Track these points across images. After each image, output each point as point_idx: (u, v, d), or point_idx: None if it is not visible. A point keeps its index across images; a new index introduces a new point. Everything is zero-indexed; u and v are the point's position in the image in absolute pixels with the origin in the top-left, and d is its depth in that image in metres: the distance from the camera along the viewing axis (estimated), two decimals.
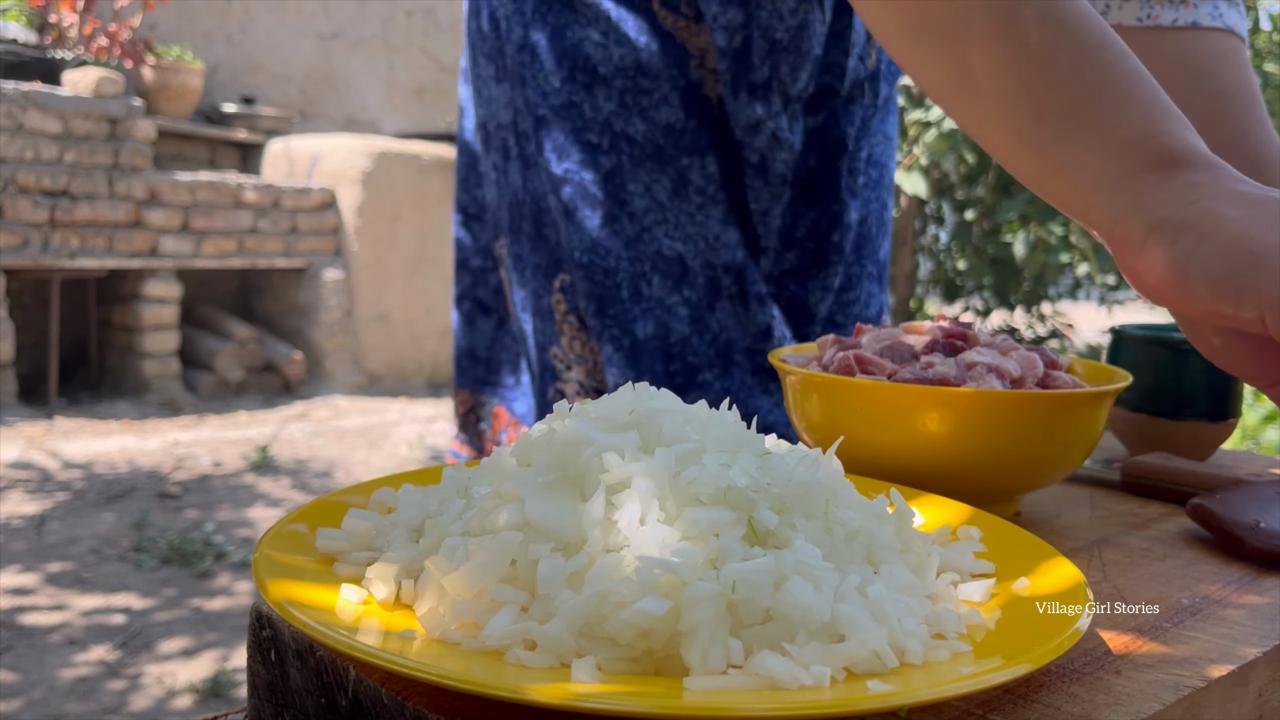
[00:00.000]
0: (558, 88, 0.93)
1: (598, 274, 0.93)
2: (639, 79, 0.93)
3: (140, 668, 2.24)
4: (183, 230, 4.88)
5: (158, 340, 4.82)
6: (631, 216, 0.94)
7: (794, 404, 0.62)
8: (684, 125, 0.93)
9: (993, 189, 4.46)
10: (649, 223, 0.94)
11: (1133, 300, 5.41)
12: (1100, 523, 0.62)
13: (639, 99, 0.93)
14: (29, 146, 4.41)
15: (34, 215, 4.42)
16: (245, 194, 5.04)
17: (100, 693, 2.13)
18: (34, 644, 2.32)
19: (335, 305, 5.28)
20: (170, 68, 5.37)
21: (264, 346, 5.14)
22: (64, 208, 4.49)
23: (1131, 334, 0.75)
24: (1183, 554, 0.56)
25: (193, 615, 2.53)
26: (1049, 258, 4.08)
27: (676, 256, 0.94)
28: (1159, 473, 0.67)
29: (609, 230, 0.93)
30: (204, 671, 2.24)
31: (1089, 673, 0.41)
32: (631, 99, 0.93)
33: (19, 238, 4.39)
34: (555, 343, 0.99)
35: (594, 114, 0.93)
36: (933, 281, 4.94)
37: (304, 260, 5.27)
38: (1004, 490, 0.59)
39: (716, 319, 0.95)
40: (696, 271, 0.94)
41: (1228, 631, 0.45)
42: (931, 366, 0.58)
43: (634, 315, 0.94)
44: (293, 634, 0.41)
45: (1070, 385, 0.59)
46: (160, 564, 2.84)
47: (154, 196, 4.77)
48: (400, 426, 4.65)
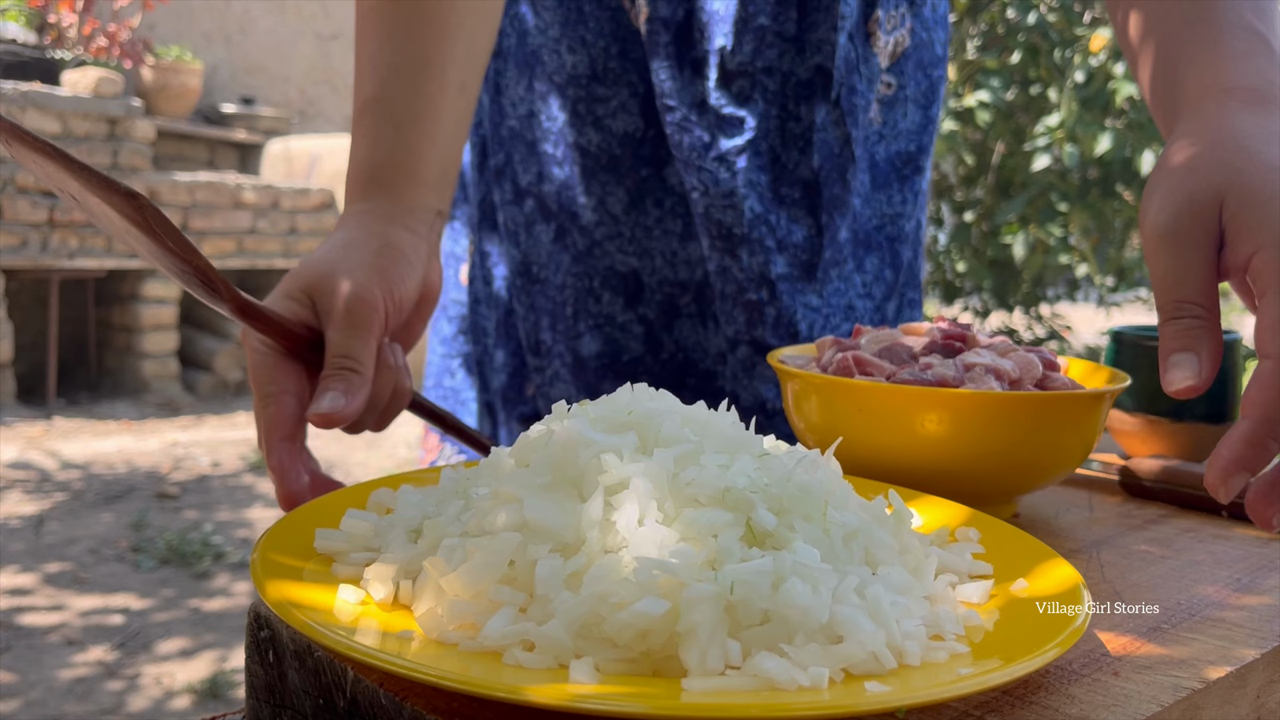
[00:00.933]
0: (522, 96, 0.91)
1: (550, 289, 0.92)
2: (593, 86, 0.88)
3: (138, 668, 2.24)
4: (182, 230, 4.87)
5: (156, 341, 4.82)
6: (582, 230, 0.90)
7: (793, 405, 0.62)
8: (644, 134, 0.89)
9: (992, 191, 4.46)
10: (600, 237, 0.90)
11: (1131, 302, 5.41)
12: (1099, 524, 0.62)
13: (594, 107, 0.88)
14: None
15: (33, 215, 4.41)
16: (244, 194, 5.04)
17: (98, 693, 2.12)
18: (32, 644, 2.31)
19: None
20: (169, 68, 5.37)
21: None
22: (63, 208, 4.49)
23: (1130, 336, 0.75)
24: (1181, 556, 0.56)
25: (191, 616, 2.53)
26: (1048, 259, 4.08)
27: (631, 272, 0.90)
28: (1157, 474, 0.67)
29: (560, 244, 0.91)
30: (202, 672, 2.23)
31: (1087, 674, 0.41)
32: (585, 108, 0.88)
33: (18, 238, 4.39)
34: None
35: (550, 123, 0.90)
36: (932, 283, 4.94)
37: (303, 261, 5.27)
38: (1002, 491, 0.59)
39: (673, 338, 0.92)
40: (653, 289, 0.91)
41: (1226, 633, 0.45)
42: (930, 368, 0.58)
43: (579, 331, 0.91)
44: (291, 635, 0.41)
45: (1068, 387, 0.59)
46: (158, 564, 2.84)
47: (153, 197, 4.77)
48: (398, 427, 4.65)
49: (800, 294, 0.87)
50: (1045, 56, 4.01)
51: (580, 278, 0.91)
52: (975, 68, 4.09)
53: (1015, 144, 4.29)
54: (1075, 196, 4.04)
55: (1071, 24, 3.99)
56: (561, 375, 0.92)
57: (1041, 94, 4.19)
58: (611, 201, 0.90)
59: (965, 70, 4.11)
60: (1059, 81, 3.99)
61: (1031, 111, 4.23)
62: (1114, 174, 4.04)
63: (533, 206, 0.91)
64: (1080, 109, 3.75)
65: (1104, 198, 4.08)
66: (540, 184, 0.91)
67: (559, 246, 0.91)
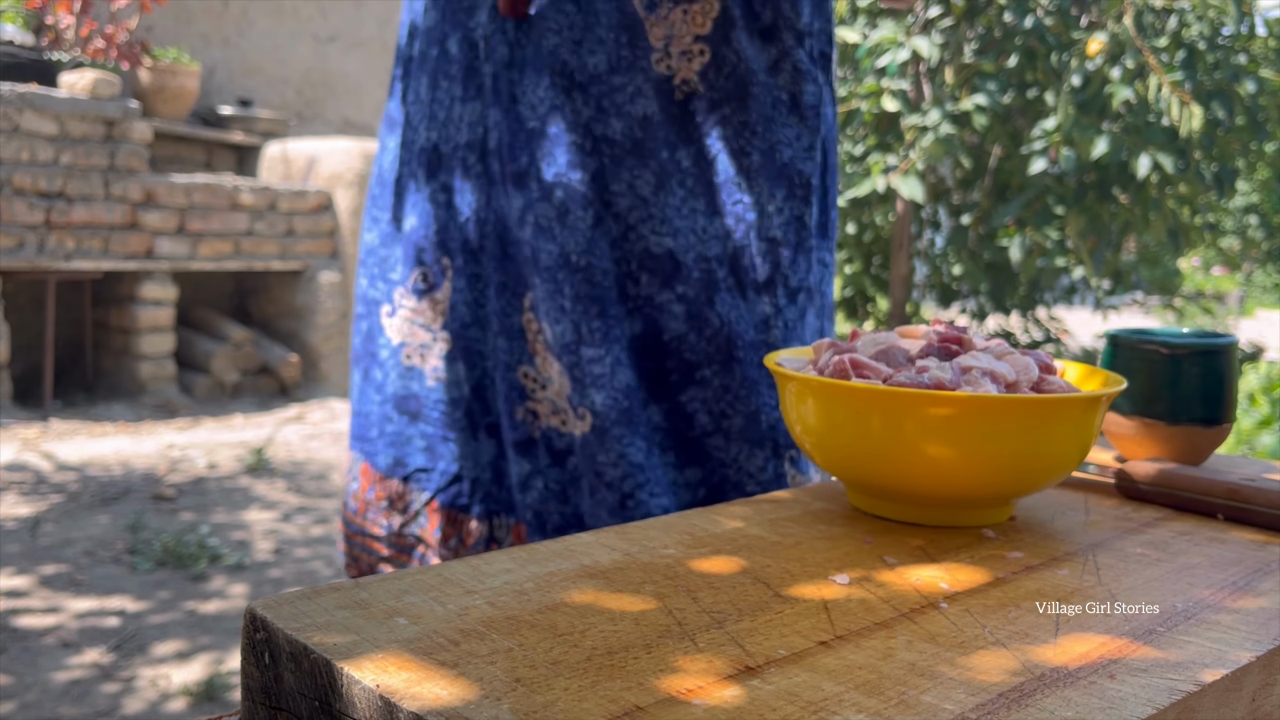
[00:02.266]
0: (542, 96, 0.93)
1: (596, 275, 0.93)
2: (611, 78, 0.93)
3: (134, 670, 2.24)
4: (179, 232, 4.87)
5: (153, 342, 4.81)
6: (616, 216, 0.94)
7: (790, 408, 0.62)
8: (659, 117, 0.94)
9: (988, 193, 4.47)
10: (634, 220, 0.94)
11: (1127, 305, 5.42)
12: (1094, 527, 0.62)
13: (613, 97, 0.94)
14: (25, 148, 4.40)
15: (30, 217, 4.41)
16: (242, 196, 5.04)
17: (94, 695, 2.12)
18: (27, 646, 2.31)
19: (331, 308, 5.27)
20: (167, 70, 5.37)
21: (260, 349, 5.14)
22: (60, 209, 4.48)
23: (1126, 338, 0.75)
24: (1177, 559, 0.56)
25: (187, 618, 2.52)
26: (1044, 262, 4.09)
27: (666, 253, 0.93)
28: (1153, 477, 0.67)
29: (599, 231, 0.94)
30: (198, 674, 2.23)
31: (1082, 677, 0.41)
32: (608, 100, 0.93)
33: (14, 239, 4.38)
34: (528, 362, 0.98)
35: (575, 118, 0.93)
36: (929, 286, 4.95)
37: (300, 263, 5.26)
38: (999, 494, 0.59)
39: (716, 313, 0.94)
40: (690, 266, 0.94)
41: (1221, 636, 0.45)
42: (926, 371, 0.58)
43: (620, 315, 0.94)
44: (286, 637, 0.41)
45: (1064, 390, 0.59)
46: (155, 566, 2.84)
47: (150, 198, 4.77)
48: None
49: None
50: (1042, 60, 4.02)
51: (618, 263, 0.94)
52: (972, 71, 4.09)
53: (1012, 147, 4.30)
54: (1072, 200, 4.05)
55: (1068, 28, 4.00)
56: (622, 360, 0.93)
57: (1038, 97, 4.20)
58: (640, 185, 0.93)
59: (962, 74, 4.12)
60: (1056, 85, 4.00)
61: (1028, 115, 4.24)
62: (1110, 177, 4.04)
63: (562, 196, 0.93)
64: (1077, 112, 3.76)
65: (1100, 201, 4.09)
66: (569, 173, 0.94)
67: (599, 232, 0.94)
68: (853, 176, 4.22)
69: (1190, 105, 3.56)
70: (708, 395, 0.93)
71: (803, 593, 0.49)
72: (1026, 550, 0.56)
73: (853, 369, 0.60)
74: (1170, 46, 3.85)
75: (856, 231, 4.70)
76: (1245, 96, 3.89)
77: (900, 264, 4.57)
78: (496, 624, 0.44)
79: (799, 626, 0.45)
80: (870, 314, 4.98)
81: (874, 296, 4.99)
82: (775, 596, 0.48)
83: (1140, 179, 3.84)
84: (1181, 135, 3.67)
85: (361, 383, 1.09)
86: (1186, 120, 3.58)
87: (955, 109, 3.94)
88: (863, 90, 4.11)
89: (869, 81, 4.12)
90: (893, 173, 3.95)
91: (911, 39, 3.92)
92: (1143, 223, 4.09)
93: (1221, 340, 0.73)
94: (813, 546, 0.56)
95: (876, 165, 4.04)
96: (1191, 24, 3.88)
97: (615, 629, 0.44)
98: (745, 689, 0.39)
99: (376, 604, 0.45)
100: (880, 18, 4.31)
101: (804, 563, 0.53)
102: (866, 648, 0.43)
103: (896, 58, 3.91)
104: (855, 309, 5.02)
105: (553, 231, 0.94)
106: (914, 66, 4.18)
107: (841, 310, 5.04)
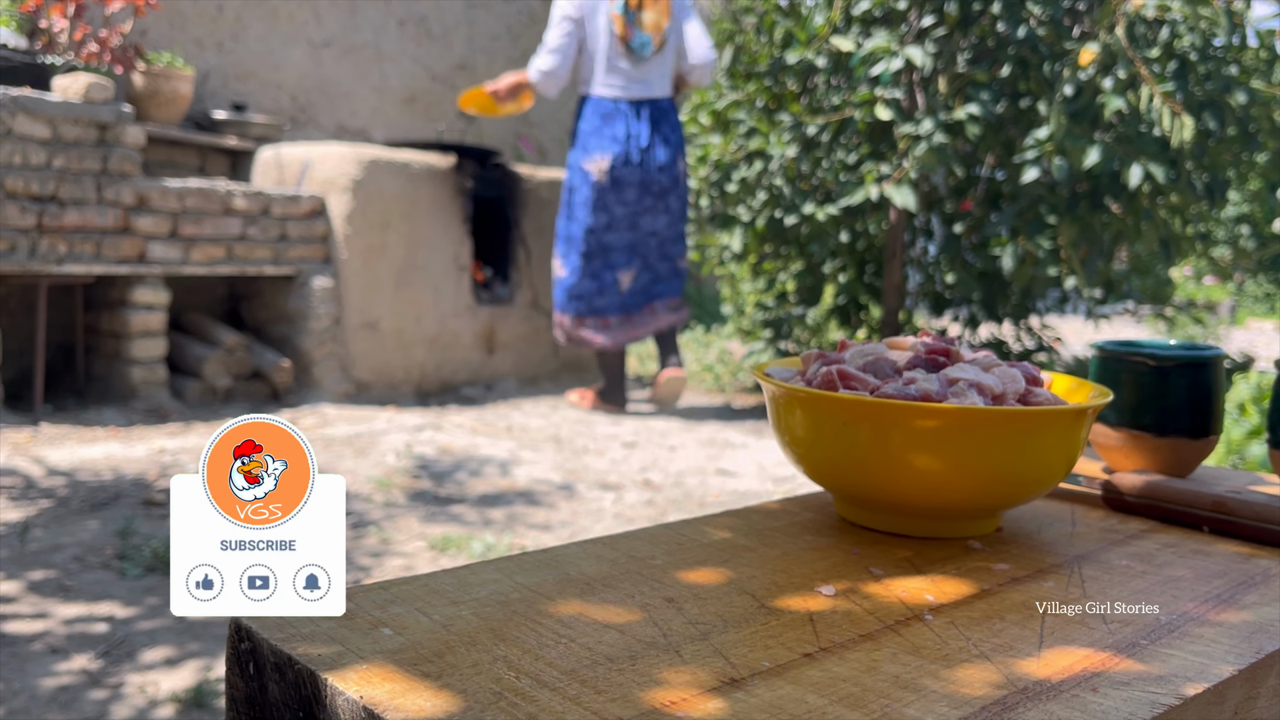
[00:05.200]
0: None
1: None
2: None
3: (122, 677, 2.23)
4: (171, 237, 4.86)
5: (145, 347, 4.80)
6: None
7: (777, 419, 0.62)
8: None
9: (981, 202, 4.48)
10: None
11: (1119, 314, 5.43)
12: (1080, 539, 0.62)
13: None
14: (17, 151, 4.39)
15: (21, 220, 4.40)
16: (235, 201, 5.03)
17: (82, 702, 2.11)
18: (15, 652, 2.30)
19: (324, 313, 5.27)
20: (161, 74, 5.36)
21: (252, 354, 5.13)
22: (52, 213, 4.47)
23: (1113, 350, 0.76)
24: (1161, 571, 0.56)
25: (176, 624, 2.51)
26: (1037, 271, 4.10)
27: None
28: (1140, 489, 0.67)
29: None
30: (187, 681, 2.22)
31: (1065, 690, 0.41)
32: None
33: (6, 243, 4.37)
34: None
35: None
36: (922, 294, 4.96)
37: (293, 268, 5.26)
38: (985, 506, 0.60)
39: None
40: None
41: (1204, 649, 0.45)
42: (914, 382, 0.59)
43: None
44: (271, 647, 0.41)
45: (1051, 402, 0.59)
46: (144, 572, 2.83)
47: (143, 203, 4.76)
48: (388, 435, 4.64)
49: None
50: (1035, 70, 4.03)
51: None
52: (965, 81, 4.11)
53: (1005, 156, 4.31)
54: (1064, 209, 4.06)
55: (1061, 38, 4.02)
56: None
57: (1031, 107, 4.21)
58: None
59: (955, 83, 4.13)
60: (1048, 95, 4.02)
61: (1021, 124, 4.25)
62: (1103, 187, 4.06)
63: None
64: (1069, 122, 3.78)
65: (1093, 210, 4.11)
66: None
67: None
68: (846, 185, 4.23)
69: (1182, 116, 3.58)
70: None
71: (788, 604, 0.49)
72: (1012, 562, 0.57)
73: (840, 380, 0.60)
74: (1162, 57, 3.87)
75: (850, 240, 4.71)
76: (1237, 107, 3.90)
77: (893, 272, 4.58)
78: (481, 635, 0.44)
79: (784, 638, 0.45)
80: (864, 321, 4.99)
81: (867, 304, 5.00)
82: (761, 608, 0.48)
83: (1132, 189, 3.85)
84: (1173, 145, 3.69)
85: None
86: (1178, 131, 3.59)
87: (949, 118, 3.95)
88: (857, 99, 4.13)
89: (863, 90, 4.14)
90: (886, 181, 3.96)
91: (905, 48, 3.94)
92: (1135, 232, 4.10)
93: (1208, 353, 0.73)
94: (800, 558, 0.56)
95: (870, 174, 4.05)
96: (1183, 35, 3.89)
97: (600, 640, 0.44)
98: (729, 701, 0.39)
99: (361, 614, 0.45)
100: (873, 27, 4.32)
101: (790, 574, 0.53)
102: (851, 660, 0.43)
103: (890, 67, 3.92)
104: (849, 316, 5.03)
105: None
106: (907, 75, 4.20)
107: (835, 318, 5.05)
